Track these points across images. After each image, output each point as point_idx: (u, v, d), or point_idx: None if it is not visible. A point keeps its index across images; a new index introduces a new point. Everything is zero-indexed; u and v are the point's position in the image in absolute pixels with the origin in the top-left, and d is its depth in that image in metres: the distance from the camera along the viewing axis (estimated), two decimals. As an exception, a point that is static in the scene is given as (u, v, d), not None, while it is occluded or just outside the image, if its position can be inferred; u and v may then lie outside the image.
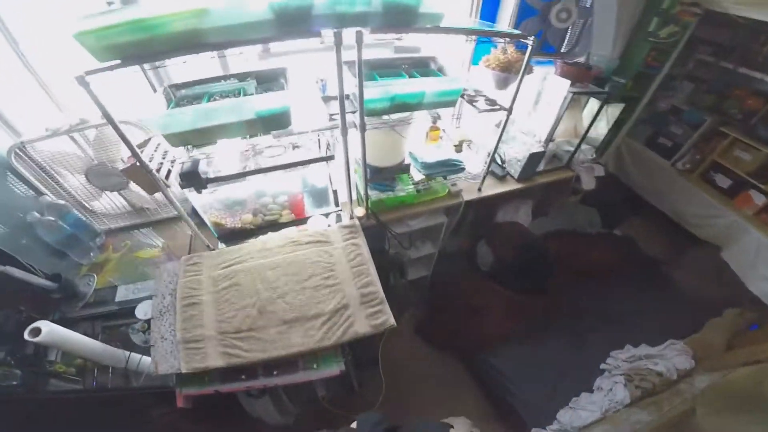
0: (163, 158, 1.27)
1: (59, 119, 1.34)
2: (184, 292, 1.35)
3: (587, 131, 2.14)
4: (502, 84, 1.83)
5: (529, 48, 1.39)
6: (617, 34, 2.24)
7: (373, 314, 1.33)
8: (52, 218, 1.33)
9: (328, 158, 1.47)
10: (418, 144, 1.88)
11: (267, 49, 1.66)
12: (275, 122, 1.24)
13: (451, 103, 1.53)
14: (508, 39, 1.46)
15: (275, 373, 1.25)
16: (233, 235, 1.61)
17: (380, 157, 1.71)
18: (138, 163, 1.12)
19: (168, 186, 1.26)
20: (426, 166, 1.74)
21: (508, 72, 1.77)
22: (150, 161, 1.20)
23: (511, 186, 2.08)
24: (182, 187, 1.28)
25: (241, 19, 0.93)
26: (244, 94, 1.30)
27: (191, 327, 1.27)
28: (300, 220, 1.67)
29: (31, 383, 1.16)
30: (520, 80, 1.50)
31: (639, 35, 2.33)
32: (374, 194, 1.72)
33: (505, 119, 1.65)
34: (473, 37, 1.53)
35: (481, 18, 2.00)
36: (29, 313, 1.25)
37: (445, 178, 1.87)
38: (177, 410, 1.17)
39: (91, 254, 1.52)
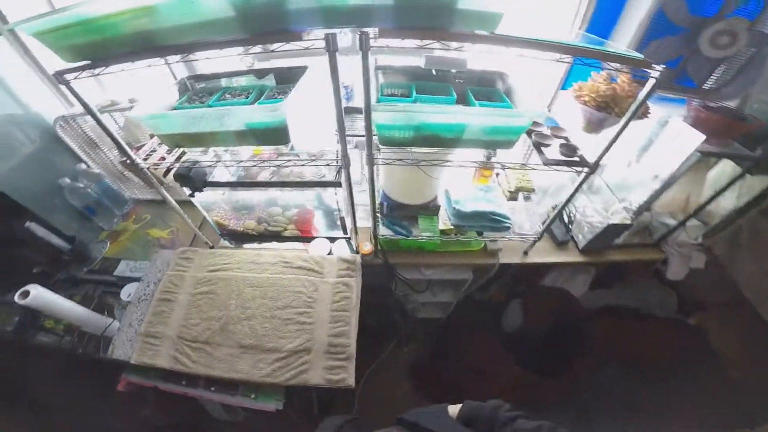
0: (168, 153, 1.25)
1: (101, 98, 1.41)
2: (166, 286, 1.38)
3: (705, 205, 1.56)
4: (595, 126, 1.33)
5: (652, 82, 0.89)
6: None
7: (333, 368, 1.21)
8: (82, 185, 1.45)
9: (334, 184, 1.30)
10: (460, 181, 1.58)
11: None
12: (268, 137, 1.09)
13: (507, 145, 1.15)
14: (618, 65, 0.92)
15: (213, 389, 1.23)
16: (235, 236, 1.58)
17: (405, 191, 1.47)
18: (128, 160, 1.10)
19: (164, 183, 1.24)
20: (458, 216, 1.42)
21: (607, 111, 1.26)
22: (149, 155, 1.19)
23: (569, 257, 1.64)
24: (180, 186, 1.26)
25: (192, 19, 0.78)
26: (260, 93, 1.19)
27: (156, 322, 1.30)
28: (304, 238, 1.57)
29: (22, 331, 1.32)
30: (623, 127, 1.01)
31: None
32: (387, 233, 1.50)
33: (584, 177, 1.21)
34: (556, 54, 0.89)
35: (589, 29, 1.49)
36: (45, 268, 1.41)
37: (480, 234, 1.51)
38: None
39: (114, 221, 1.65)
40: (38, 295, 1.18)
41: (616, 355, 2.09)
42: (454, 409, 0.88)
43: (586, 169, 1.18)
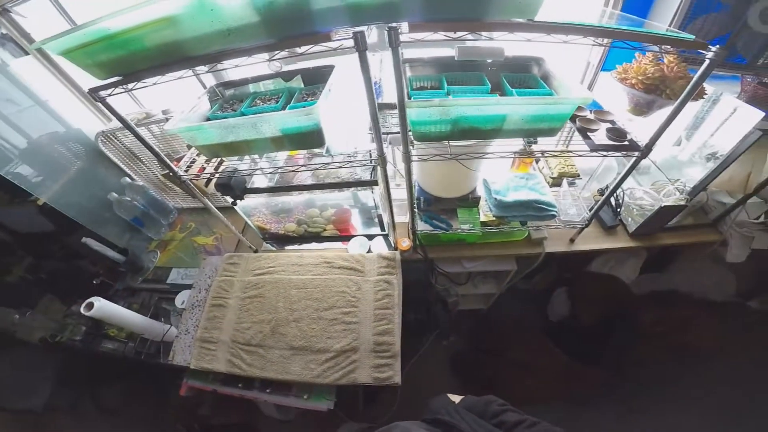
0: (207, 162, 1.28)
1: (135, 111, 1.46)
2: (216, 291, 1.42)
3: (766, 183, 1.44)
4: (644, 108, 1.25)
5: (707, 63, 0.81)
6: None
7: (379, 366, 1.22)
8: (128, 198, 1.51)
9: (371, 183, 1.29)
10: (499, 170, 1.53)
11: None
12: (304, 141, 1.07)
13: (550, 133, 1.08)
14: (665, 46, 0.84)
15: (268, 390, 1.26)
16: (276, 238, 1.61)
17: (441, 185, 1.44)
18: (170, 173, 1.14)
19: (206, 194, 1.27)
20: (500, 206, 1.35)
21: (657, 94, 1.17)
22: (189, 166, 1.22)
23: (619, 242, 1.56)
24: (221, 195, 1.29)
25: (216, 27, 0.77)
26: (290, 95, 1.18)
27: (211, 327, 1.35)
28: (343, 237, 1.58)
29: (90, 340, 1.41)
30: (678, 109, 0.93)
31: None
32: (425, 228, 1.48)
33: (634, 161, 1.13)
34: (601, 39, 0.83)
35: (625, 8, 1.39)
36: (104, 279, 1.49)
37: (524, 224, 1.45)
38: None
39: (162, 230, 1.72)
40: (102, 306, 1.25)
41: (668, 343, 1.98)
42: (454, 399, 0.92)
43: (637, 153, 1.10)
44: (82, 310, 1.23)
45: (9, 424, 1.84)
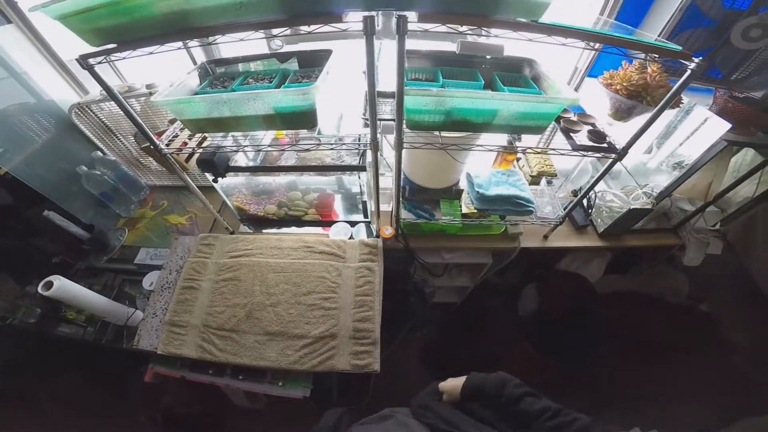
0: (189, 138, 1.22)
1: (118, 84, 1.37)
2: (188, 273, 1.36)
3: (725, 192, 1.57)
4: (624, 114, 1.33)
5: (688, 73, 0.89)
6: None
7: (359, 353, 1.21)
8: (98, 172, 1.41)
9: (359, 168, 1.28)
10: (482, 165, 1.56)
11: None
12: (296, 121, 1.06)
13: (537, 130, 1.13)
14: (653, 55, 0.90)
15: (241, 377, 1.23)
16: (255, 221, 1.56)
17: (427, 175, 1.46)
18: (151, 146, 1.07)
19: (186, 169, 1.21)
20: (481, 199, 1.39)
21: (637, 100, 1.25)
22: (171, 141, 1.16)
23: (589, 241, 1.64)
24: (201, 171, 1.23)
25: None
26: (284, 77, 1.15)
27: (181, 311, 1.29)
28: (325, 222, 1.55)
29: (45, 323, 1.30)
30: (656, 115, 1.01)
31: None
32: (409, 216, 1.49)
33: (610, 163, 1.20)
34: (596, 44, 0.90)
35: (619, 18, 1.46)
36: (64, 257, 1.38)
37: (503, 218, 1.50)
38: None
39: (131, 207, 1.62)
40: (61, 286, 1.16)
41: (629, 341, 2.12)
42: (450, 384, 0.88)
43: (613, 155, 1.17)
44: (39, 289, 1.13)
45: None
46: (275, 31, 0.82)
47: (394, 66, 0.87)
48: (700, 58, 0.85)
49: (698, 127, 1.34)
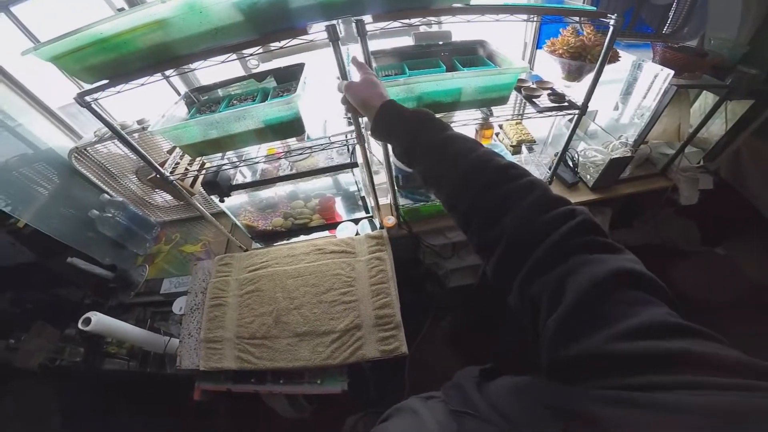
0: (189, 165, 1.32)
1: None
2: (213, 292, 1.44)
3: (695, 133, 1.65)
4: (576, 74, 1.45)
5: (611, 30, 1.03)
6: (746, 12, 1.61)
7: (384, 339, 1.27)
8: (110, 214, 1.51)
9: (351, 165, 1.38)
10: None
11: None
12: (286, 130, 1.16)
13: (501, 101, 1.25)
14: (581, 18, 1.13)
15: (281, 381, 1.29)
16: (265, 236, 1.65)
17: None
18: (157, 175, 1.17)
19: (193, 194, 1.31)
20: None
21: (581, 60, 1.39)
22: (174, 169, 1.26)
23: (582, 196, 1.72)
24: (208, 194, 1.33)
25: (205, 27, 0.85)
26: (265, 95, 1.24)
27: (214, 327, 1.36)
28: (330, 225, 1.64)
29: (91, 360, 1.38)
30: (598, 70, 1.16)
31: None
32: (406, 203, 1.58)
33: (576, 119, 1.33)
34: (525, 15, 1.03)
35: None
36: (94, 298, 1.47)
37: None
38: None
39: (147, 245, 1.71)
40: (99, 320, 1.24)
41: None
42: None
43: (576, 112, 1.30)
44: (80, 325, 1.21)
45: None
46: (251, 51, 0.93)
47: (364, 66, 0.98)
48: (616, 15, 0.99)
49: (653, 80, 1.47)
